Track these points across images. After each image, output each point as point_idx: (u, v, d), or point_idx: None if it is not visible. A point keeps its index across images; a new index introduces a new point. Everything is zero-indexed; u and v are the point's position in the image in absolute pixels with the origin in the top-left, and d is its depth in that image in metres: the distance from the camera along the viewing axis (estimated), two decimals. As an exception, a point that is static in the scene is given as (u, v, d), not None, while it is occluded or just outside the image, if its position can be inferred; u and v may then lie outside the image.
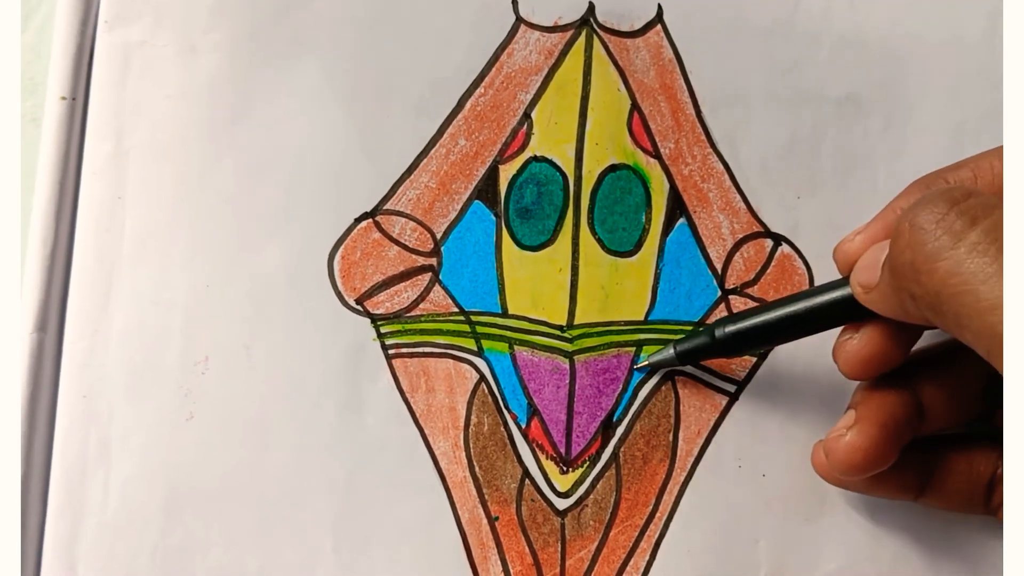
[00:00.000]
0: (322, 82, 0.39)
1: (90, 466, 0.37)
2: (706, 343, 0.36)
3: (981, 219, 0.27)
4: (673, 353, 0.37)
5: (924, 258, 0.27)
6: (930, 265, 0.27)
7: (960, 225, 0.27)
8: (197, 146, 0.39)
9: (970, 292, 0.26)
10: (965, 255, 0.26)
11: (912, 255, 0.28)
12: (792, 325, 0.34)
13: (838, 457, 0.33)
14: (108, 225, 0.38)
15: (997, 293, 0.26)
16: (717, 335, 0.35)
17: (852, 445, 0.33)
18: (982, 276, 0.26)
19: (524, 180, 0.39)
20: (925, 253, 0.27)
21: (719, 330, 0.35)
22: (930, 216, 0.28)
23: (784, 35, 0.40)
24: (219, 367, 0.37)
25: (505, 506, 0.37)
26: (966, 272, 0.26)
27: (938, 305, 0.27)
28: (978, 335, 0.26)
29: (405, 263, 0.39)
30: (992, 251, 0.26)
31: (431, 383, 0.38)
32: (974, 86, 0.40)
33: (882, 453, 0.33)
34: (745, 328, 0.35)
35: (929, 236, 0.27)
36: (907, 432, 0.33)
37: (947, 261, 0.27)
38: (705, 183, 0.39)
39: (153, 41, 0.39)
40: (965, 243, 0.27)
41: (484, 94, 0.40)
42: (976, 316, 0.26)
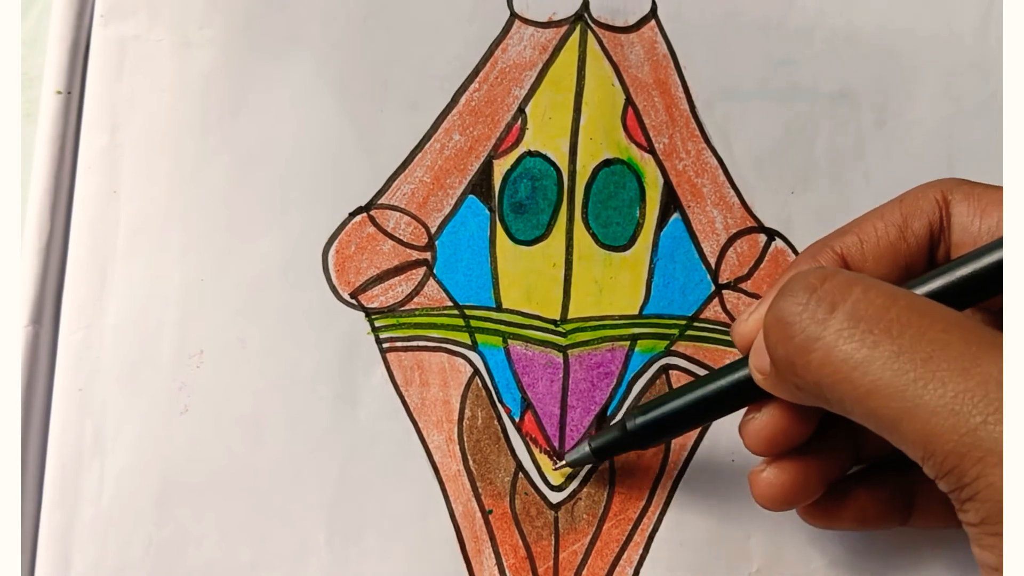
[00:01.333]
0: (316, 77, 0.39)
1: (85, 458, 0.37)
2: (618, 437, 0.35)
3: (840, 303, 0.27)
4: (588, 450, 0.35)
5: (796, 351, 0.27)
6: (803, 358, 0.27)
7: (822, 312, 0.27)
8: (192, 140, 0.39)
9: (846, 380, 0.26)
10: (832, 342, 0.26)
11: (784, 349, 0.28)
12: (700, 411, 0.33)
13: (759, 492, 0.33)
14: (103, 218, 0.38)
15: (870, 378, 0.25)
16: (628, 427, 0.34)
17: (769, 481, 0.32)
18: (852, 363, 0.26)
19: (518, 175, 0.39)
20: (795, 346, 0.27)
21: (630, 422, 0.34)
22: (793, 308, 0.27)
23: (778, 30, 0.40)
24: (213, 360, 0.38)
25: (499, 499, 0.37)
26: (836, 360, 0.26)
27: (821, 394, 0.27)
28: (864, 418, 0.26)
29: (399, 257, 0.39)
30: (857, 335, 0.26)
31: (425, 377, 0.38)
32: (967, 81, 0.40)
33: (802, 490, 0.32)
34: (655, 418, 0.34)
35: (796, 329, 0.27)
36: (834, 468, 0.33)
37: (818, 352, 0.26)
38: (699, 178, 0.39)
39: (148, 35, 0.39)
40: (830, 330, 0.26)
41: (479, 89, 0.40)
42: (858, 402, 0.26)
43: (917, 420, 0.25)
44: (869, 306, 0.26)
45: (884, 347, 0.25)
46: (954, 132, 0.40)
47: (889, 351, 0.25)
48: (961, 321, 0.26)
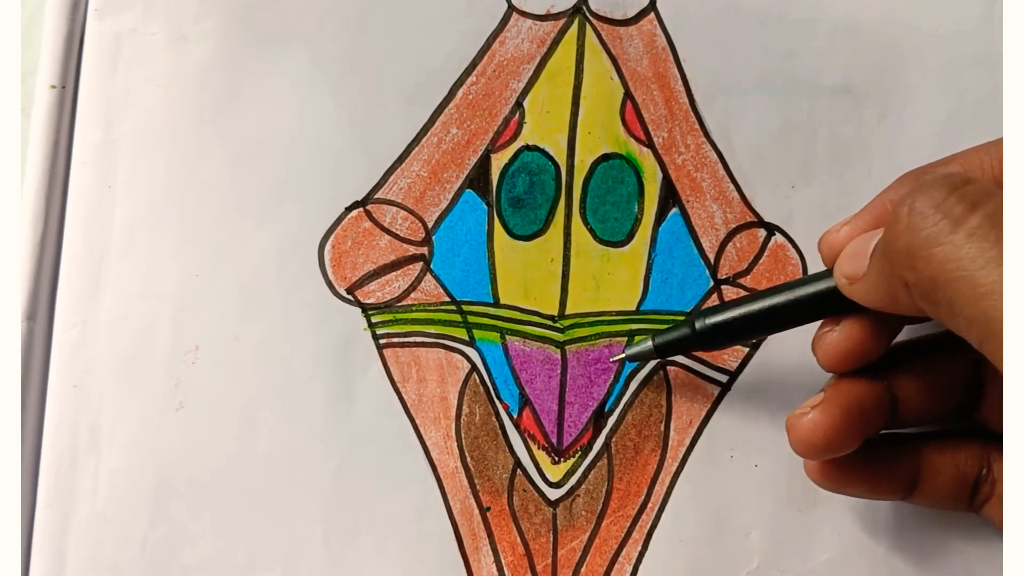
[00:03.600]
0: (313, 70, 0.39)
1: (80, 455, 0.37)
2: (686, 335, 0.35)
3: (981, 204, 0.26)
4: (651, 346, 0.35)
5: (921, 243, 0.27)
6: (928, 251, 0.27)
7: (960, 210, 0.27)
8: (187, 134, 0.38)
9: (966, 278, 0.26)
10: (964, 241, 0.26)
11: (909, 240, 0.27)
12: (773, 318, 0.33)
13: (798, 434, 0.33)
14: (97, 214, 0.38)
15: (994, 279, 0.25)
16: (697, 327, 0.34)
17: (813, 423, 0.32)
18: (980, 262, 0.26)
19: (516, 169, 0.39)
20: (923, 238, 0.27)
21: (699, 322, 0.34)
22: (929, 201, 0.27)
23: (778, 23, 0.40)
24: (209, 357, 0.37)
25: (497, 496, 0.37)
26: (964, 258, 0.26)
27: (933, 292, 0.27)
28: (971, 322, 0.26)
29: (396, 252, 0.38)
30: (992, 236, 0.26)
31: (422, 373, 0.38)
32: (969, 74, 0.39)
33: (843, 435, 0.32)
34: (725, 320, 0.34)
35: (928, 221, 0.27)
36: (876, 421, 0.33)
37: (945, 246, 0.26)
38: (698, 172, 0.39)
39: (143, 29, 0.39)
40: (964, 228, 0.26)
41: (476, 82, 0.39)
42: (971, 303, 0.26)
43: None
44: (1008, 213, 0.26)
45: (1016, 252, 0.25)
46: (956, 126, 0.39)
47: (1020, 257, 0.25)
48: None
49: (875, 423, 0.33)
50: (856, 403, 0.33)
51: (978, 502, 0.34)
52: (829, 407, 0.32)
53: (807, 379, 0.37)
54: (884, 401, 0.33)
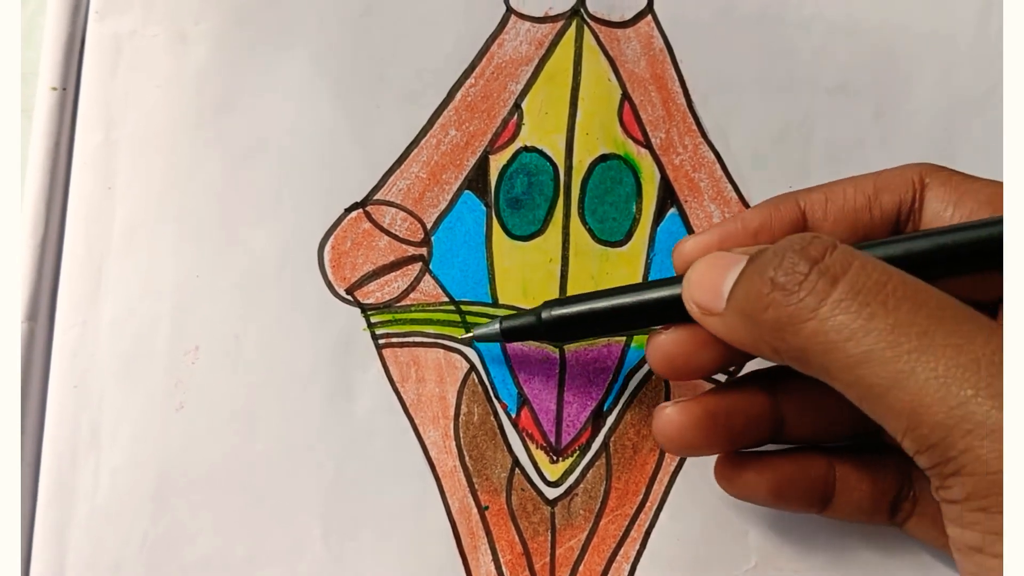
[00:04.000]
0: (312, 72, 0.39)
1: (80, 455, 0.37)
2: (531, 323, 0.34)
3: (841, 276, 0.27)
4: (498, 328, 0.35)
5: (788, 318, 0.27)
6: (795, 326, 0.27)
7: (823, 285, 0.27)
8: (187, 136, 0.39)
9: (837, 349, 0.26)
10: (828, 314, 0.26)
11: (775, 314, 0.28)
12: (619, 318, 0.33)
13: (654, 425, 0.32)
14: (98, 215, 0.38)
15: (862, 349, 0.26)
16: (543, 317, 0.34)
17: (668, 417, 0.32)
18: (847, 333, 0.26)
19: (514, 170, 0.39)
20: (789, 314, 0.27)
21: (546, 312, 0.34)
22: (792, 277, 0.27)
23: (775, 23, 0.40)
24: (209, 357, 0.37)
25: (495, 495, 0.37)
26: (831, 330, 0.26)
27: (804, 360, 0.27)
28: (848, 385, 0.27)
29: (395, 253, 0.39)
30: (854, 306, 0.26)
31: (421, 373, 0.38)
32: (965, 73, 0.40)
33: (701, 438, 0.32)
34: (571, 314, 0.33)
35: (793, 297, 0.27)
36: (748, 433, 0.33)
37: (812, 322, 0.27)
38: (696, 173, 0.39)
39: (143, 31, 0.39)
40: (828, 303, 0.27)
41: (474, 84, 0.40)
42: (845, 371, 0.26)
43: (907, 390, 0.25)
44: (867, 279, 0.27)
45: (880, 319, 0.26)
46: (952, 125, 0.39)
47: (885, 323, 0.26)
48: (954, 302, 0.26)
49: (747, 435, 0.33)
50: (723, 410, 0.32)
51: (900, 518, 0.34)
52: (691, 407, 0.32)
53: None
54: (761, 415, 0.33)
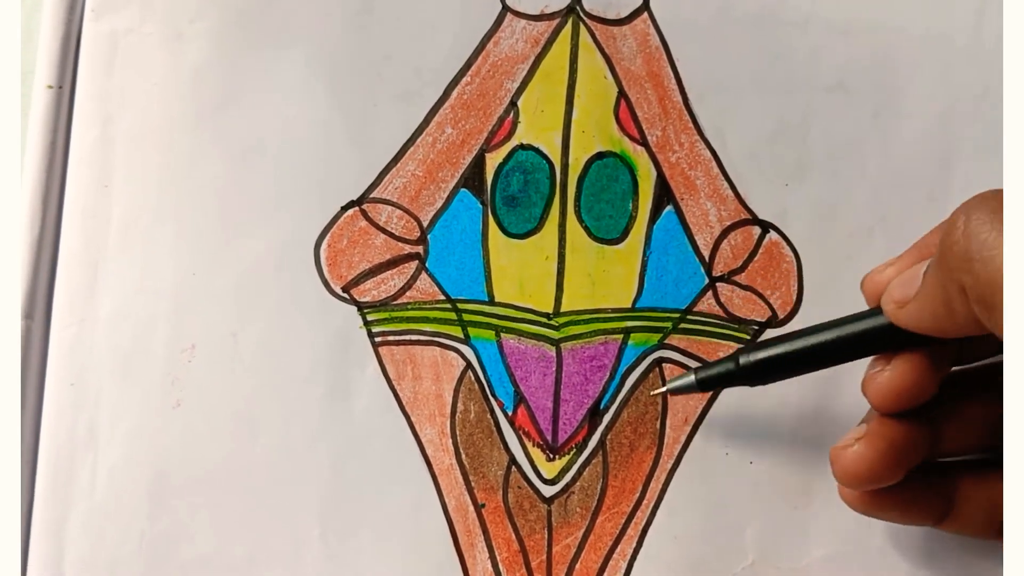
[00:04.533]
0: (308, 70, 0.39)
1: (78, 453, 0.37)
2: (729, 370, 0.34)
3: None
4: (694, 380, 0.35)
5: (980, 245, 0.28)
6: (985, 252, 0.27)
7: None
8: (183, 134, 0.39)
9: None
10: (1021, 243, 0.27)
11: (967, 244, 0.28)
12: (819, 355, 0.33)
13: (843, 466, 0.33)
14: (94, 213, 0.38)
15: None
16: (742, 362, 0.34)
17: (858, 455, 0.32)
18: None
19: (510, 168, 0.39)
20: (981, 240, 0.28)
21: (744, 357, 0.34)
22: (986, 209, 0.28)
23: (772, 22, 0.40)
24: (206, 355, 0.38)
25: (491, 493, 0.37)
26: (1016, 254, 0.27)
27: (990, 295, 0.27)
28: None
29: (392, 251, 0.39)
30: None
31: (418, 371, 0.38)
32: (962, 73, 0.39)
33: (887, 468, 0.32)
34: (771, 356, 0.33)
35: (986, 227, 0.28)
36: (917, 454, 0.33)
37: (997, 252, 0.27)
38: (692, 170, 0.39)
39: (140, 29, 0.39)
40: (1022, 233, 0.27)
41: (471, 82, 0.40)
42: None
43: None
44: None
45: None
46: (950, 124, 0.39)
47: None
48: None
49: (918, 456, 0.33)
50: (901, 437, 0.33)
51: None
52: (875, 440, 0.32)
53: (803, 377, 0.38)
54: (927, 435, 0.33)
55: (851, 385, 0.34)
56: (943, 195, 0.39)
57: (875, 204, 0.39)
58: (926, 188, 0.39)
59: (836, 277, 0.38)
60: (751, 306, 0.38)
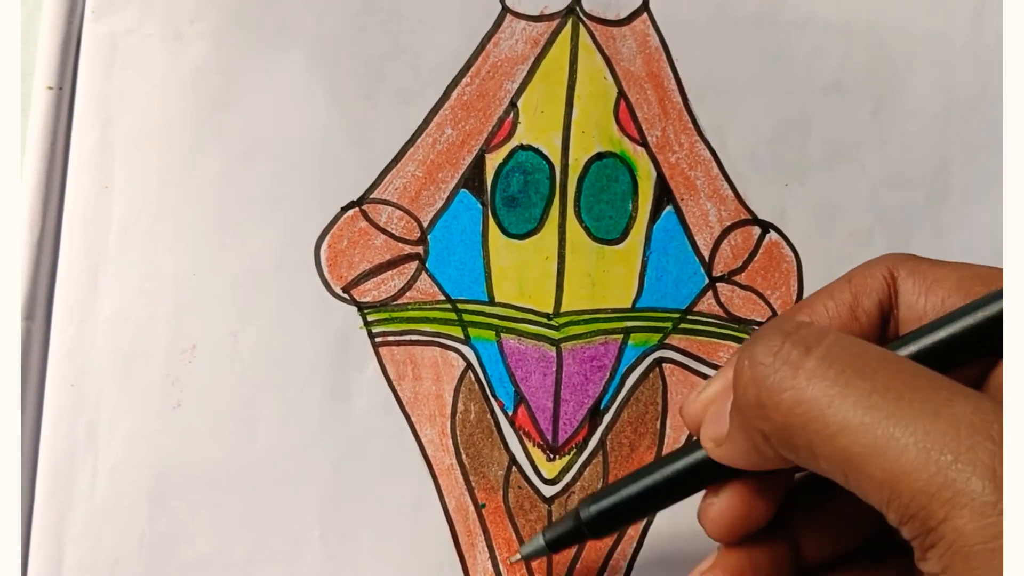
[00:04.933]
0: (308, 71, 0.39)
1: (78, 454, 0.37)
2: (573, 527, 0.32)
3: (815, 346, 0.27)
4: (543, 542, 0.33)
5: (767, 392, 0.27)
6: (775, 399, 0.27)
7: (796, 355, 0.27)
8: (183, 135, 0.39)
9: (817, 418, 0.26)
10: (805, 382, 0.26)
11: (756, 391, 0.27)
12: (656, 496, 0.32)
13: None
14: (95, 214, 0.38)
15: (841, 415, 0.25)
16: (582, 516, 0.32)
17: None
18: (825, 400, 0.26)
19: (510, 169, 0.39)
20: (767, 387, 0.27)
21: (584, 511, 0.32)
22: (766, 350, 0.27)
23: (771, 22, 0.40)
24: (206, 355, 0.37)
25: (492, 493, 0.37)
26: (809, 399, 0.26)
27: (790, 438, 0.27)
28: (831, 460, 0.26)
29: (392, 251, 0.39)
30: (830, 374, 0.26)
31: (418, 371, 0.38)
32: (960, 72, 0.40)
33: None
34: (609, 505, 0.32)
35: (769, 370, 0.27)
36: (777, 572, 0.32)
37: (790, 392, 0.26)
38: (692, 171, 0.39)
39: (139, 30, 0.39)
40: (804, 371, 0.26)
41: (470, 83, 0.40)
42: (827, 441, 0.26)
43: (887, 457, 0.24)
44: (842, 350, 0.26)
45: (856, 385, 0.25)
46: (948, 124, 0.39)
47: (861, 389, 0.25)
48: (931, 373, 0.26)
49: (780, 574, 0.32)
50: (749, 566, 0.31)
51: None
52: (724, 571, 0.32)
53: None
54: (782, 553, 0.32)
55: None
56: (942, 194, 0.39)
57: (874, 203, 0.39)
58: (925, 187, 0.39)
59: (836, 276, 0.38)
60: (751, 306, 0.39)
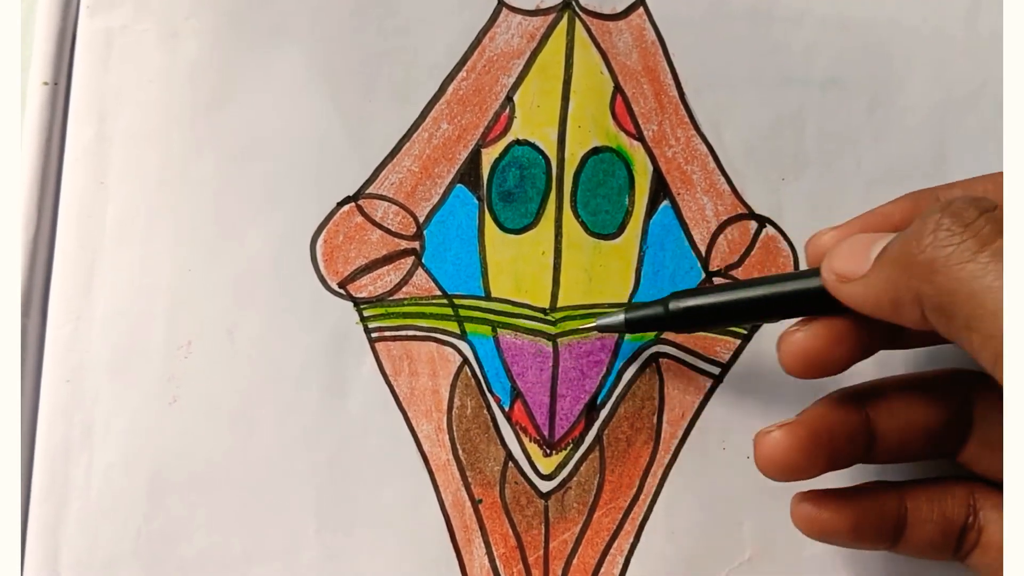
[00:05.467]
0: (305, 67, 0.39)
1: (73, 450, 0.37)
2: (657, 315, 0.34)
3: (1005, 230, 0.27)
4: (623, 320, 0.35)
5: (946, 258, 0.27)
6: (953, 266, 0.27)
7: (988, 231, 0.27)
8: (179, 131, 0.39)
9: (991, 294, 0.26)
10: (989, 259, 0.27)
11: (933, 253, 0.28)
12: (748, 310, 0.33)
13: (760, 452, 0.32)
14: (90, 210, 0.38)
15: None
16: (671, 308, 0.34)
17: (775, 441, 0.32)
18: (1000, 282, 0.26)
19: (507, 163, 0.39)
20: (948, 253, 0.27)
21: (673, 303, 0.34)
22: (959, 220, 0.28)
23: (767, 16, 0.40)
24: (202, 351, 0.37)
25: (488, 489, 0.37)
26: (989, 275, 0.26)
27: (950, 306, 0.27)
28: (987, 338, 0.26)
29: (388, 247, 0.39)
30: None
31: (414, 366, 0.38)
32: (957, 67, 0.39)
33: (806, 459, 0.32)
34: (699, 305, 0.33)
35: (956, 238, 0.27)
36: (847, 451, 0.32)
37: (971, 264, 0.27)
38: (689, 165, 0.39)
39: (135, 26, 0.39)
40: (990, 249, 0.27)
41: (466, 78, 0.40)
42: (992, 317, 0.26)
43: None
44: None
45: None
46: (945, 119, 0.39)
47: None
48: None
49: (846, 454, 0.33)
50: (826, 429, 0.32)
51: (964, 551, 0.33)
52: (796, 428, 0.32)
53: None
54: (858, 432, 0.33)
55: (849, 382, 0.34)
56: (939, 188, 0.39)
57: (871, 198, 0.38)
58: (922, 182, 0.38)
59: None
60: (748, 300, 0.38)
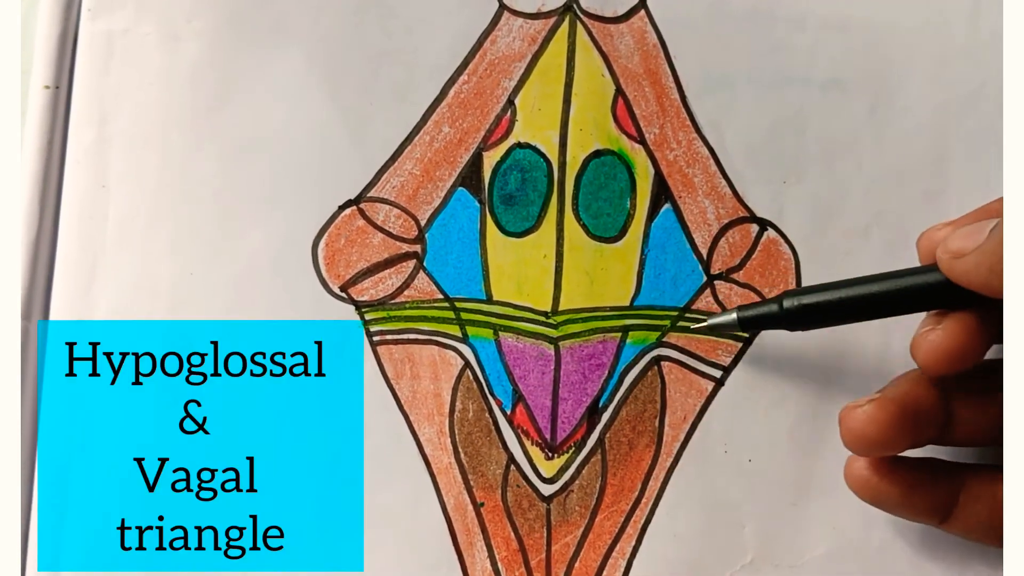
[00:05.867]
0: (305, 69, 0.39)
1: (75, 454, 0.37)
2: (772, 312, 0.35)
3: None
4: (735, 318, 0.35)
5: None
6: None
7: None
8: (180, 133, 0.39)
9: None
10: None
11: None
12: (866, 306, 0.33)
13: (849, 426, 0.33)
14: (92, 212, 0.38)
15: None
16: (785, 305, 0.34)
17: (867, 415, 0.32)
18: None
19: (508, 167, 0.39)
20: None
21: (788, 301, 0.34)
22: None
23: (768, 19, 0.40)
24: (203, 354, 0.38)
25: (490, 492, 0.37)
26: None
27: None
28: None
29: (389, 250, 0.39)
30: None
31: (416, 370, 0.38)
32: (958, 68, 0.39)
33: (893, 433, 0.32)
34: (815, 303, 0.34)
35: None
36: (927, 428, 0.33)
37: None
38: (690, 168, 0.39)
39: (136, 29, 0.39)
40: None
41: (468, 81, 0.40)
42: None
43: None
44: None
45: None
46: (946, 120, 0.39)
47: None
48: None
49: (926, 430, 0.33)
50: (912, 403, 0.33)
51: None
52: (886, 403, 0.33)
53: (801, 374, 0.38)
54: (939, 410, 0.33)
55: (850, 382, 0.35)
56: (939, 191, 0.39)
57: (872, 201, 0.39)
58: (923, 184, 0.39)
59: (834, 274, 0.38)
60: (749, 303, 0.38)
